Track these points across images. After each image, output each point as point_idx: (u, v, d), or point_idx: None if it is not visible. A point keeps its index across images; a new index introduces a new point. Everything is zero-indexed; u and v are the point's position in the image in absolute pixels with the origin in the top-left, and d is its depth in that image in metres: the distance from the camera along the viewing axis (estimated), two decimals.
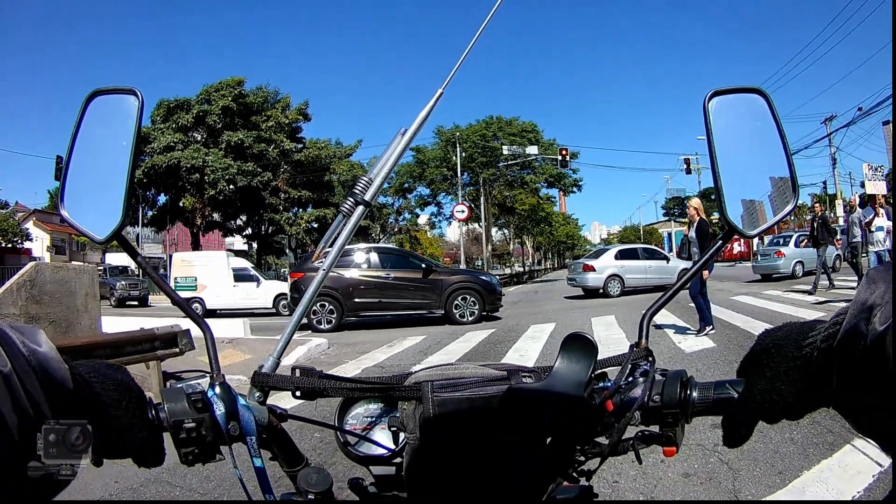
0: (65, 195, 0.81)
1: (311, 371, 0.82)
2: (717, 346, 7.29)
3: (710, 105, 0.80)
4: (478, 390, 0.78)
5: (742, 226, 0.78)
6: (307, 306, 0.90)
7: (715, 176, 0.78)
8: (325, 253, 0.96)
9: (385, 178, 0.95)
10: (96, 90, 0.83)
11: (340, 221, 0.95)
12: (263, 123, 35.44)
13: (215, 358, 0.80)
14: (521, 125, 41.52)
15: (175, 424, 0.67)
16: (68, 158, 0.82)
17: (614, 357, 0.77)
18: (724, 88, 0.82)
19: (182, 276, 19.42)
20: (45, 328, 6.28)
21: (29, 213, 48.27)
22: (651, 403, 0.68)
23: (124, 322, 9.45)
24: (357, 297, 12.95)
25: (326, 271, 0.93)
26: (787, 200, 0.79)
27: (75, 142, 0.82)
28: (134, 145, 0.80)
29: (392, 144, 0.96)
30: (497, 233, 52.19)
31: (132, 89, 0.82)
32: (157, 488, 3.63)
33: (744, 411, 0.60)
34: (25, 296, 6.11)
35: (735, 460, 3.45)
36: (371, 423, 0.86)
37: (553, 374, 0.71)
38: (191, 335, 6.30)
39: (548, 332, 10.11)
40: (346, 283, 12.84)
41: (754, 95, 0.82)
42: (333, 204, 37.72)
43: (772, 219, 0.80)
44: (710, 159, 0.79)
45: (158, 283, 0.91)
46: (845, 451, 3.48)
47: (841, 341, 0.47)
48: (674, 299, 0.88)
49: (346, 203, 0.93)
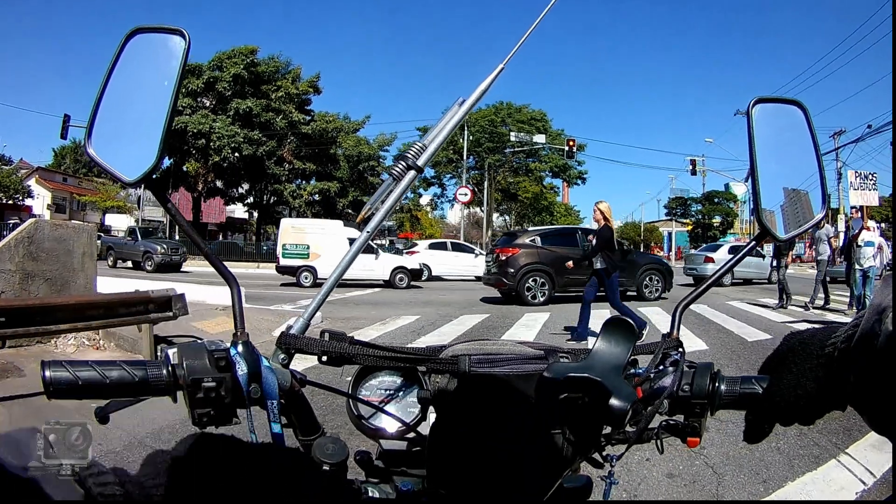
0: (93, 133, 0.78)
1: (342, 336, 0.80)
2: (709, 349, 7.33)
3: (754, 111, 0.83)
4: (516, 367, 0.78)
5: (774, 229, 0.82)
6: (344, 270, 0.89)
7: (754, 178, 0.81)
8: (370, 216, 0.93)
9: (440, 145, 0.92)
10: (138, 27, 0.80)
11: (390, 184, 0.92)
12: (273, 93, 35.22)
13: (241, 315, 0.77)
14: (531, 113, 41.42)
15: (193, 383, 0.64)
16: (100, 95, 0.78)
17: (646, 345, 0.78)
18: (767, 97, 0.85)
19: (292, 244, 18.70)
20: (41, 285, 6.28)
21: (32, 171, 48.12)
22: (681, 393, 0.68)
23: (120, 283, 9.42)
24: (568, 273, 13.06)
25: (371, 233, 0.91)
26: (810, 209, 0.83)
27: (110, 79, 0.78)
28: (177, 86, 0.77)
29: (449, 113, 0.93)
30: (498, 218, 52.11)
31: (179, 29, 0.79)
32: (139, 452, 3.63)
33: (767, 407, 0.62)
34: (23, 252, 6.12)
35: (720, 464, 3.47)
36: (386, 396, 0.85)
37: (593, 355, 0.71)
38: (185, 300, 6.28)
39: (541, 321, 10.16)
40: (559, 259, 13.05)
41: (794, 107, 0.85)
42: (337, 178, 37.60)
43: (803, 225, 0.84)
44: (749, 161, 0.82)
45: (188, 231, 0.86)
46: (830, 466, 3.49)
47: (858, 342, 0.49)
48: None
49: (397, 166, 0.90)
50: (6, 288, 6.07)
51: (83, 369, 0.63)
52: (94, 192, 42.58)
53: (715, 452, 3.63)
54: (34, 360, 5.68)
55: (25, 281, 6.24)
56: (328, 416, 4.15)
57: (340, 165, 38.28)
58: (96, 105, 0.78)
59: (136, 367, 0.65)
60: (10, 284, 6.11)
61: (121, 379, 0.64)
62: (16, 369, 5.36)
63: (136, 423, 3.91)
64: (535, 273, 13.44)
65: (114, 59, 0.78)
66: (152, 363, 0.66)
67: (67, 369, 0.62)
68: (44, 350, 6.19)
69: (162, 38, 0.80)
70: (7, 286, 6.08)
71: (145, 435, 3.89)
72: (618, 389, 0.64)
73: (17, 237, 6.09)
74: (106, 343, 6.70)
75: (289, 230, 19.24)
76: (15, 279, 6.13)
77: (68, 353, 6.33)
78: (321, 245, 18.34)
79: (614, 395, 0.63)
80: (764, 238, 0.85)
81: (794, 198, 0.84)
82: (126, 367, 0.65)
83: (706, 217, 53.61)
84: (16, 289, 6.13)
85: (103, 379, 0.63)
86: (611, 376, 0.66)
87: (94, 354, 6.41)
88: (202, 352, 0.67)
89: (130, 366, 0.65)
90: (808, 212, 0.84)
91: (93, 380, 0.63)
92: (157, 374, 0.65)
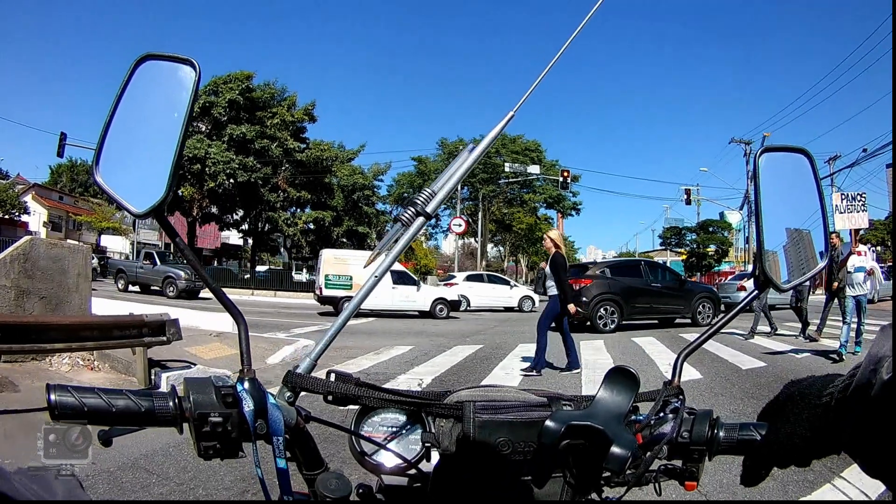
0: (100, 160, 0.76)
1: (348, 377, 0.81)
2: (703, 378, 7.32)
3: (761, 160, 0.84)
4: (519, 414, 0.79)
5: (776, 278, 0.83)
6: (352, 312, 0.89)
7: (758, 228, 0.82)
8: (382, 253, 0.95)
9: (449, 192, 0.92)
10: (148, 54, 0.79)
11: (399, 230, 0.92)
12: (269, 120, 35.44)
13: (247, 352, 0.77)
14: (525, 143, 41.79)
15: (200, 417, 0.65)
16: (108, 121, 0.77)
17: (647, 392, 0.80)
18: (773, 146, 0.87)
19: (335, 274, 19.00)
20: (35, 304, 6.26)
21: (29, 187, 48.24)
22: (680, 439, 0.71)
23: (115, 306, 9.38)
24: (635, 302, 14.61)
25: (379, 278, 0.92)
26: (812, 249, 0.85)
27: (118, 105, 0.77)
28: (187, 118, 0.76)
29: (459, 159, 0.94)
30: (493, 249, 52.25)
31: (189, 59, 0.78)
32: (133, 474, 3.61)
33: (765, 453, 0.64)
34: (18, 269, 6.11)
35: (714, 492, 3.45)
36: (388, 433, 0.85)
37: (595, 403, 0.72)
38: (179, 325, 6.27)
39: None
40: (627, 288, 14.49)
41: (800, 155, 0.87)
42: (332, 207, 37.69)
43: (805, 273, 0.85)
44: (755, 212, 0.84)
45: (194, 265, 0.86)
46: (825, 490, 3.48)
47: (854, 391, 0.51)
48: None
49: (406, 212, 0.91)
50: (1, 303, 6.05)
51: (89, 396, 0.63)
52: (90, 213, 42.58)
53: (708, 480, 3.61)
54: (29, 376, 5.67)
55: (20, 298, 6.23)
56: (321, 445, 4.10)
57: (335, 195, 38.43)
58: (105, 131, 0.77)
59: (142, 398, 0.65)
60: (6, 300, 6.09)
61: (127, 408, 0.65)
62: (10, 384, 5.33)
63: (130, 443, 3.88)
64: (607, 302, 14.18)
65: (123, 85, 0.78)
66: (159, 394, 0.67)
67: (73, 395, 0.63)
68: (38, 367, 6.16)
69: (171, 66, 0.79)
70: (2, 301, 6.06)
71: (139, 456, 3.85)
72: (619, 437, 0.66)
73: (12, 254, 6.09)
74: (100, 364, 6.65)
75: (331, 261, 19.47)
76: (10, 295, 6.12)
77: (63, 371, 6.29)
78: (364, 276, 18.55)
79: (615, 442, 0.65)
80: (766, 288, 0.85)
81: (797, 238, 0.86)
82: (132, 397, 0.65)
83: (701, 246, 53.76)
84: (11, 305, 6.12)
85: (109, 407, 0.63)
86: (612, 424, 0.68)
87: (89, 374, 6.38)
88: (209, 387, 0.67)
89: (137, 396, 0.65)
90: (810, 252, 0.85)
91: (98, 407, 0.63)
92: (163, 406, 0.66)
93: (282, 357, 8.54)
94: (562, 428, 0.68)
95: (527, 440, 0.77)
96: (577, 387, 7.07)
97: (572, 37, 0.98)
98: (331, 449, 1.30)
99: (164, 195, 0.74)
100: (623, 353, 9.93)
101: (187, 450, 1.08)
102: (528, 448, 0.77)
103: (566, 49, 0.97)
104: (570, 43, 0.97)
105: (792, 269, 0.86)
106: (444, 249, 72.61)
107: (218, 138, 34.35)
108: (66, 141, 25.74)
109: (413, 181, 42.29)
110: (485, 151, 0.94)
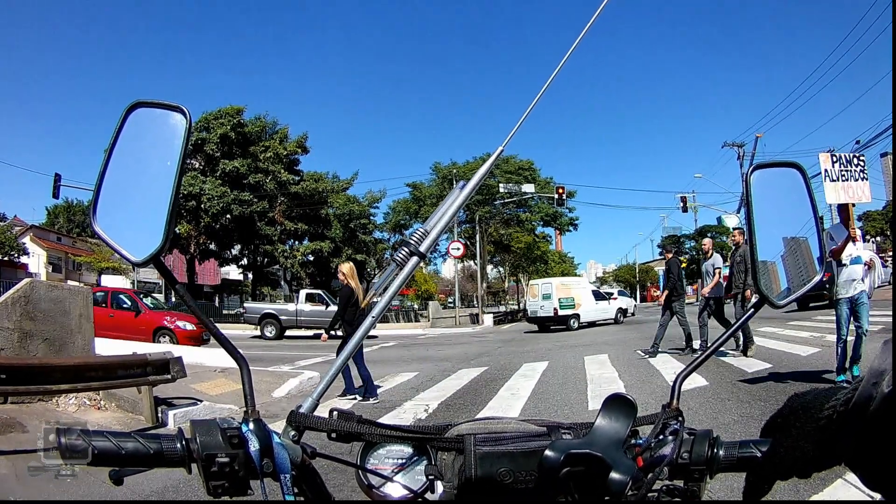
0: (97, 209, 0.78)
1: (350, 415, 0.83)
2: (710, 385, 7.26)
3: (752, 178, 0.85)
4: (519, 445, 0.81)
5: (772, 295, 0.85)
6: (352, 351, 0.90)
7: (752, 247, 0.84)
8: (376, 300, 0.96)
9: (442, 230, 0.95)
10: (138, 101, 0.81)
11: (393, 270, 0.93)
12: (262, 154, 35.57)
13: (251, 393, 0.79)
14: (518, 163, 41.92)
15: (207, 458, 0.67)
16: (103, 170, 0.78)
17: (647, 416, 0.82)
18: (764, 162, 0.88)
19: (564, 297, 23.88)
20: (39, 345, 6.27)
21: (27, 229, 48.35)
22: (680, 460, 0.72)
23: (119, 346, 9.36)
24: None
25: (376, 318, 0.93)
26: (811, 257, 0.86)
27: (112, 153, 0.79)
28: (180, 166, 0.77)
29: (450, 198, 0.97)
30: (492, 270, 52.14)
31: (179, 106, 0.80)
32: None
33: (766, 469, 0.65)
34: (20, 311, 6.14)
35: (722, 496, 3.43)
36: (394, 465, 0.87)
37: (593, 431, 0.74)
38: (182, 363, 6.27)
39: (540, 370, 10.06)
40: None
41: (791, 170, 0.88)
42: (329, 238, 37.69)
43: (804, 286, 0.86)
44: (747, 231, 0.85)
45: (195, 310, 0.87)
46: (837, 486, 3.46)
47: (855, 404, 0.52)
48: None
49: (400, 252, 0.93)
50: (6, 346, 6.07)
51: (99, 439, 0.65)
52: (89, 253, 42.54)
53: (718, 487, 3.60)
54: (36, 417, 5.65)
55: (24, 340, 6.24)
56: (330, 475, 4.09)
57: (332, 225, 38.50)
58: (100, 179, 0.78)
59: (150, 440, 0.67)
60: (10, 342, 6.10)
61: (136, 451, 0.66)
62: (19, 425, 5.33)
63: (141, 479, 3.87)
64: None
65: (115, 133, 0.79)
66: (166, 436, 0.68)
67: (83, 438, 0.64)
68: (45, 408, 6.14)
69: (163, 114, 0.80)
70: (6, 344, 6.08)
71: (150, 493, 3.85)
72: (618, 462, 0.68)
73: (13, 296, 6.11)
74: (107, 403, 6.64)
75: (560, 287, 24.46)
76: (14, 337, 6.13)
77: (70, 411, 6.28)
78: (582, 297, 24.75)
79: (615, 468, 0.67)
80: (763, 305, 0.86)
81: (794, 247, 0.87)
82: (141, 440, 0.67)
83: (700, 252, 53.60)
84: (15, 347, 6.12)
85: (118, 450, 0.65)
86: (611, 450, 0.70)
87: (96, 414, 6.37)
88: (215, 429, 0.69)
89: (145, 438, 0.67)
90: (808, 260, 0.86)
91: (108, 450, 0.65)
92: (171, 448, 0.67)
93: (287, 390, 8.51)
94: (561, 456, 0.69)
95: (528, 469, 0.80)
96: (583, 402, 7.05)
97: (559, 67, 1.02)
98: (340, 479, 1.33)
99: (162, 243, 0.76)
100: (628, 366, 9.88)
101: (198, 486, 1.08)
102: (529, 477, 0.79)
103: (554, 79, 1.01)
104: (556, 73, 1.01)
105: (791, 277, 0.87)
106: (444, 273, 72.54)
107: (212, 174, 34.45)
108: (61, 182, 25.86)
109: (409, 207, 42.36)
110: (476, 188, 0.97)
